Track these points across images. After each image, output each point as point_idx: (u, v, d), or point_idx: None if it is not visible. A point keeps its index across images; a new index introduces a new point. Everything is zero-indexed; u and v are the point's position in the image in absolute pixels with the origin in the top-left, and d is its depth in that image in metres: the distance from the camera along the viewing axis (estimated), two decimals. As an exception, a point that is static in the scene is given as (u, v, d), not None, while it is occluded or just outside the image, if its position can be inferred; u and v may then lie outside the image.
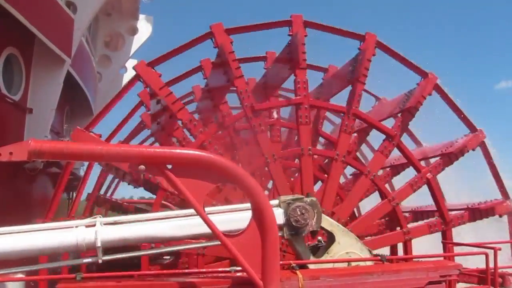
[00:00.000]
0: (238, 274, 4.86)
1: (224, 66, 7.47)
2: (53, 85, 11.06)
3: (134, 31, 19.98)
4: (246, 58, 9.43)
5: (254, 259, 4.48)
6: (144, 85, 7.22)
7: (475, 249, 6.84)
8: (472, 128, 8.10)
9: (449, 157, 8.01)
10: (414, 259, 6.77)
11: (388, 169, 9.74)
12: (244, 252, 4.47)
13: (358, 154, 10.59)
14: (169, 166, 4.34)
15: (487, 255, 6.44)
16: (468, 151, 8.00)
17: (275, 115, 9.67)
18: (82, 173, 13.09)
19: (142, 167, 4.35)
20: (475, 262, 7.12)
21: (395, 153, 8.26)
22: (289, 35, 7.42)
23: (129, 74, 19.56)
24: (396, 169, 9.61)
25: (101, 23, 18.93)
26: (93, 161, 7.03)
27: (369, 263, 6.02)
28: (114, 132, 8.82)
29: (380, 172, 9.36)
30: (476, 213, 8.00)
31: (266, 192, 9.53)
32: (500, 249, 6.66)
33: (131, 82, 7.37)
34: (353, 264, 5.90)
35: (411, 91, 8.06)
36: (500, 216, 8.05)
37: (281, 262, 5.06)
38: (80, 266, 5.63)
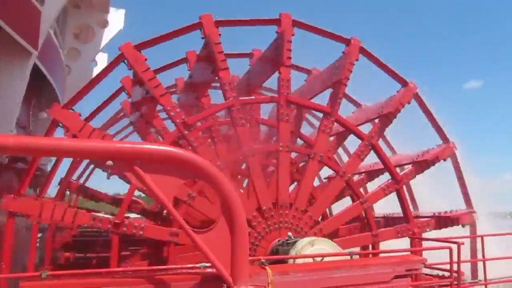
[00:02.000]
0: (208, 270, 4.86)
1: (210, 58, 7.40)
2: (19, 78, 10.73)
3: (104, 23, 19.61)
4: (232, 54, 9.39)
5: (223, 255, 4.49)
6: (128, 66, 7.03)
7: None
8: (445, 139, 8.36)
9: (420, 165, 8.25)
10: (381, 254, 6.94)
11: (363, 174, 9.89)
12: (213, 248, 4.47)
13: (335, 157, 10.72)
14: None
15: (451, 250, 6.64)
16: (439, 161, 8.25)
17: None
18: (49, 169, 12.80)
19: (110, 162, 4.30)
20: (441, 257, 7.35)
21: (373, 159, 8.41)
22: (276, 32, 7.44)
23: (99, 68, 19.19)
24: (371, 175, 9.76)
25: (70, 15, 18.48)
26: (60, 156, 6.87)
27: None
28: (93, 114, 8.61)
29: (356, 178, 9.55)
30: (441, 221, 8.27)
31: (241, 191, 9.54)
32: (463, 244, 6.88)
33: (115, 62, 7.13)
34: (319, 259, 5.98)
35: (390, 98, 8.20)
36: (463, 226, 8.35)
37: (250, 258, 5.09)
38: (45, 264, 5.53)
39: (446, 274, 7.14)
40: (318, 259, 5.92)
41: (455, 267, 6.66)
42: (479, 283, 7.81)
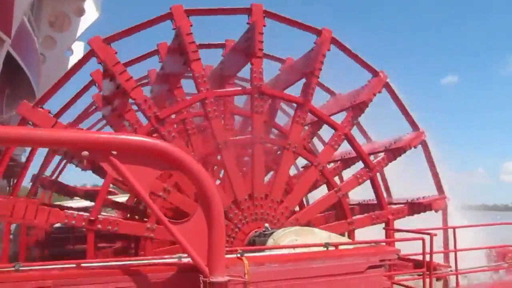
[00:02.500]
0: (184, 260, 4.87)
1: (181, 49, 7.33)
2: (-8, 66, 10.46)
3: (80, 12, 19.18)
4: (205, 44, 9.31)
5: (200, 246, 4.50)
6: (98, 60, 6.90)
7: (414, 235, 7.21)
8: (415, 127, 8.56)
9: (392, 153, 8.43)
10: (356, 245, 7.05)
11: (338, 162, 10.01)
12: (190, 239, 4.48)
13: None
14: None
15: (424, 241, 6.80)
16: (410, 148, 8.42)
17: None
18: (24, 159, 12.54)
19: (85, 152, 4.24)
20: (415, 248, 7.52)
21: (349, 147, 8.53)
22: (247, 23, 7.40)
23: (76, 56, 18.81)
24: (346, 163, 9.90)
25: (45, 2, 18.03)
26: (34, 146, 6.76)
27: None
28: (63, 110, 8.45)
29: (332, 165, 9.66)
30: (415, 207, 8.47)
31: (218, 182, 9.53)
32: (436, 235, 7.05)
33: (86, 58, 7.03)
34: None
35: (310, 52, 8.21)
36: (436, 211, 8.57)
37: (227, 248, 5.12)
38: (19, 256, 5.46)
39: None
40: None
41: (427, 258, 6.83)
42: (450, 273, 8.03)
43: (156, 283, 4.68)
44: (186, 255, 4.66)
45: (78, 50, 20.15)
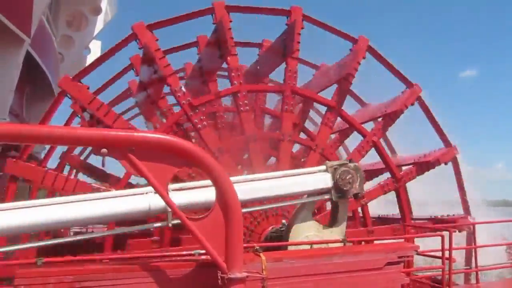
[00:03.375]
0: (202, 257, 4.90)
1: (219, 44, 7.46)
2: (12, 66, 10.64)
3: (97, 11, 19.36)
4: (242, 42, 9.47)
5: (218, 242, 4.52)
6: (139, 44, 7.07)
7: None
8: (408, 83, 8.33)
9: (390, 117, 8.32)
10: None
11: (337, 133, 9.93)
12: (208, 235, 4.50)
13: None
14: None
15: (443, 237, 6.72)
16: (407, 108, 8.27)
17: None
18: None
19: (104, 150, 4.29)
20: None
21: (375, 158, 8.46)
22: (286, 24, 7.56)
23: (93, 55, 19.01)
24: (345, 133, 9.81)
25: (62, 2, 18.25)
26: (53, 144, 6.87)
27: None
28: (99, 90, 8.63)
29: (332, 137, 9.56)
30: (423, 166, 8.33)
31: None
32: (455, 231, 6.98)
33: (127, 40, 7.18)
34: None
35: (345, 58, 8.23)
36: (446, 163, 8.39)
37: (245, 245, 5.13)
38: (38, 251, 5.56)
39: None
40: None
41: (446, 254, 6.75)
42: (470, 270, 7.93)
43: (174, 279, 4.72)
44: (204, 251, 4.69)
45: (96, 49, 20.37)
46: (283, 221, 7.11)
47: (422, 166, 8.29)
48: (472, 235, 8.14)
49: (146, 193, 4.84)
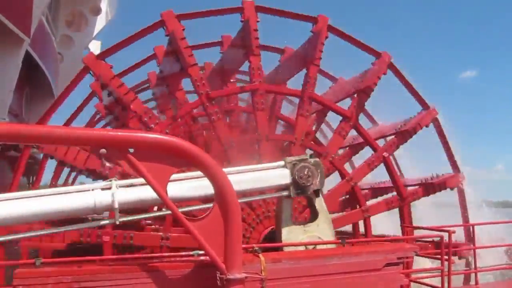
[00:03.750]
0: (201, 258, 4.90)
1: (176, 54, 7.42)
2: (11, 66, 10.62)
3: (97, 11, 19.35)
4: (201, 44, 9.42)
5: (217, 242, 4.51)
6: (166, 32, 7.11)
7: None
8: (424, 105, 8.37)
9: (403, 135, 8.28)
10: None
11: (347, 148, 9.95)
12: (207, 236, 4.49)
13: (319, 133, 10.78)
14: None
15: (442, 238, 6.72)
16: (421, 128, 8.26)
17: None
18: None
19: (103, 150, 4.29)
20: None
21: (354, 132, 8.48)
22: (241, 21, 7.48)
23: (92, 55, 18.97)
24: (356, 148, 9.82)
25: (62, 2, 18.24)
26: (53, 144, 6.85)
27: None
28: (67, 123, 8.64)
29: (341, 151, 9.59)
30: (429, 188, 8.33)
31: None
32: (454, 232, 6.97)
33: (80, 75, 7.20)
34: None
35: (366, 71, 8.21)
36: (451, 189, 8.40)
37: (244, 246, 5.13)
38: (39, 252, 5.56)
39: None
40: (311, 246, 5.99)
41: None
42: (469, 271, 7.93)
43: (173, 279, 4.71)
44: (203, 251, 4.68)
45: (95, 49, 20.35)
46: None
47: (404, 134, 8.27)
48: (462, 192, 8.32)
49: (92, 189, 4.71)
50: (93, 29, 19.66)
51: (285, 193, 5.85)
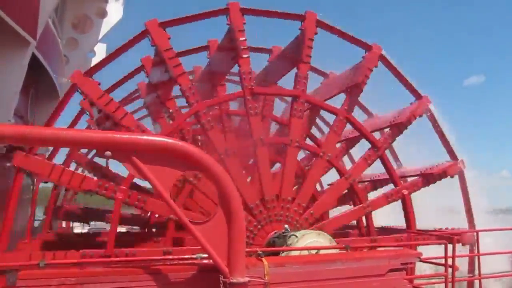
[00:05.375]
0: (205, 261, 4.90)
1: (231, 47, 7.41)
2: (17, 68, 10.65)
3: (103, 14, 19.45)
4: (188, 51, 9.34)
5: (220, 246, 4.52)
6: (151, 43, 7.02)
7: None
8: (417, 95, 8.31)
9: (398, 127, 8.23)
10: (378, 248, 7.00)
11: (343, 142, 9.88)
12: (210, 239, 4.50)
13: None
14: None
15: (446, 245, 6.68)
16: (415, 119, 8.22)
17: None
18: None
19: (108, 153, 4.31)
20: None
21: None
22: (299, 29, 7.49)
23: (98, 58, 19.06)
24: (352, 142, 9.77)
25: (68, 4, 18.34)
26: (58, 146, 6.89)
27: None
28: (109, 91, 8.59)
29: (338, 145, 9.51)
30: (429, 178, 8.28)
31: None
32: (458, 237, 6.94)
33: (139, 37, 7.10)
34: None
35: (357, 65, 8.15)
36: (451, 177, 8.34)
37: (247, 249, 5.13)
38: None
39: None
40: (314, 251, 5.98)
41: (450, 262, 6.71)
42: (473, 278, 7.88)
43: (176, 282, 4.72)
44: (206, 255, 4.68)
45: (101, 51, 20.44)
46: (286, 226, 7.11)
47: (399, 126, 8.24)
48: (475, 243, 8.11)
49: None
50: (99, 32, 19.75)
51: None
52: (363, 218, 8.19)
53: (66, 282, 4.44)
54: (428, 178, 8.23)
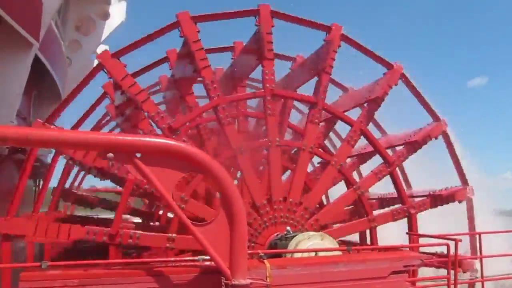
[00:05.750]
0: (206, 263, 4.89)
1: (190, 56, 7.36)
2: (20, 69, 10.71)
3: (106, 15, 19.50)
4: (213, 49, 9.39)
5: (222, 248, 4.51)
6: (108, 75, 7.00)
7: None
8: (435, 117, 8.31)
9: (412, 146, 8.22)
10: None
11: (355, 157, 9.90)
12: (212, 241, 4.50)
13: (327, 142, 10.77)
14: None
15: (448, 246, 6.67)
16: (431, 139, 8.22)
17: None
18: (49, 160, 12.81)
19: (110, 154, 4.31)
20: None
21: (364, 141, 8.44)
22: (256, 25, 7.38)
23: (100, 60, 19.10)
24: (363, 158, 9.77)
25: (71, 6, 18.39)
26: (60, 148, 6.88)
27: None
28: (78, 123, 8.63)
29: (349, 160, 9.53)
30: (437, 199, 8.27)
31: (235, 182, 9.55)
32: (461, 241, 6.92)
33: (94, 72, 7.15)
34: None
35: (377, 81, 8.19)
36: (460, 202, 8.33)
37: (249, 251, 5.12)
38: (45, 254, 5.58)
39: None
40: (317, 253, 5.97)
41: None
42: (475, 280, 7.85)
43: (178, 284, 4.72)
44: (208, 257, 4.68)
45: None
46: (288, 227, 7.09)
47: (414, 145, 8.19)
48: (471, 204, 8.21)
49: None
50: (101, 34, 19.81)
51: None
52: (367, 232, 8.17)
53: (69, 283, 4.45)
54: (436, 199, 8.23)
